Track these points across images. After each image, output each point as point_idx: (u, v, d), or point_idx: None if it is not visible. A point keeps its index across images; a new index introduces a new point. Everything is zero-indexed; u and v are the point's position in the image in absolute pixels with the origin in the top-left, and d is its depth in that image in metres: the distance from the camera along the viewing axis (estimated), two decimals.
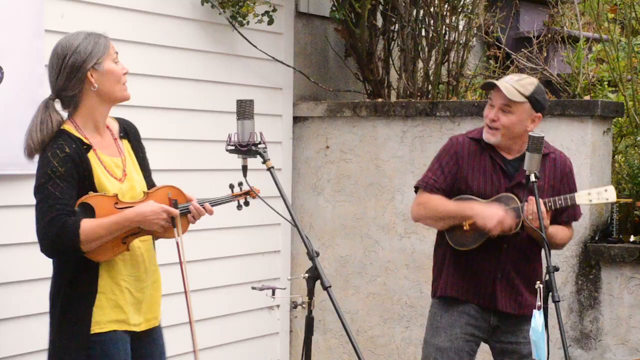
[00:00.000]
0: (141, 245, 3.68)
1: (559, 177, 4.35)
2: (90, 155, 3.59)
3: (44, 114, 3.58)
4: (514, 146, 4.32)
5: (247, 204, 3.86)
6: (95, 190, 3.56)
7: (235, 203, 3.84)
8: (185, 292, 3.70)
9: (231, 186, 3.83)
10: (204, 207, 3.72)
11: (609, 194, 4.28)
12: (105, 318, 3.56)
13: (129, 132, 3.80)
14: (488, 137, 4.31)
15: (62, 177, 3.48)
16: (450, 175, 4.32)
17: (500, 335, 4.34)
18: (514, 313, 4.31)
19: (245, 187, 3.81)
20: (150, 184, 3.81)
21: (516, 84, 4.26)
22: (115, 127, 3.76)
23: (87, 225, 3.46)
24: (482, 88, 4.53)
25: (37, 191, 3.52)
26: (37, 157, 3.58)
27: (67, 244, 3.45)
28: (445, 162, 4.34)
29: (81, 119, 3.61)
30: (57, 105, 3.61)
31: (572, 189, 4.39)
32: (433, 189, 4.32)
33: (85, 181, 3.54)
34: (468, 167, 4.31)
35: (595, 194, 4.27)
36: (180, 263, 3.67)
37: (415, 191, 4.45)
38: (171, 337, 4.00)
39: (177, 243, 3.64)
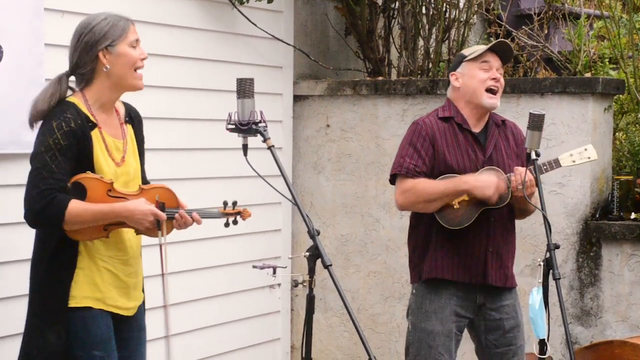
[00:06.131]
0: (130, 230, 3.70)
1: (519, 144, 4.38)
2: (94, 133, 3.62)
3: (55, 87, 3.63)
4: (480, 116, 4.34)
5: (235, 222, 3.85)
6: (92, 169, 3.58)
7: (223, 220, 3.84)
8: (164, 296, 3.71)
9: (225, 203, 3.84)
10: (192, 217, 3.71)
11: (590, 153, 4.34)
12: (81, 293, 3.60)
13: (133, 117, 3.84)
14: (492, 102, 4.28)
15: (62, 150, 3.51)
16: (429, 158, 4.24)
17: (485, 312, 4.34)
18: (502, 286, 4.31)
19: (238, 207, 3.83)
20: (143, 172, 3.83)
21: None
22: (122, 110, 3.81)
23: (74, 206, 3.49)
24: (495, 47, 4.32)
25: (34, 158, 3.55)
26: (37, 128, 3.60)
27: (51, 219, 3.50)
28: (421, 145, 4.25)
29: (91, 96, 3.65)
30: (72, 83, 3.67)
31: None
32: (415, 174, 4.22)
33: (84, 159, 3.57)
34: (443, 146, 4.26)
35: (577, 154, 4.33)
36: (162, 266, 3.69)
37: (391, 181, 4.36)
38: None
39: (161, 246, 3.65)
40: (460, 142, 4.28)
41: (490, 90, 4.27)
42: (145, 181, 3.85)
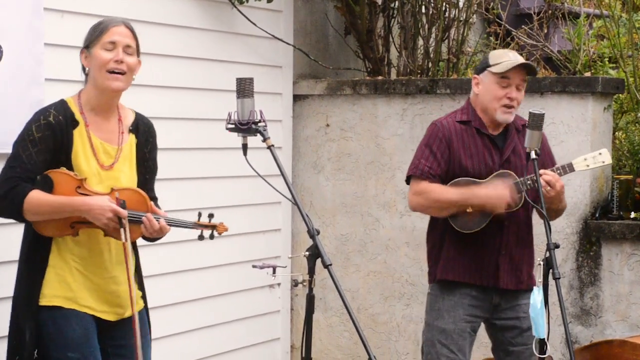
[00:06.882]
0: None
1: (540, 146, 4.37)
2: (78, 131, 3.63)
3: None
4: (498, 123, 4.33)
5: (212, 237, 3.79)
6: (69, 166, 3.59)
7: (197, 232, 3.77)
8: (131, 300, 3.65)
9: (199, 214, 3.79)
10: (158, 222, 3.63)
11: (604, 157, 4.34)
12: (51, 292, 3.60)
13: (140, 128, 3.82)
14: (506, 117, 4.28)
15: (34, 142, 3.56)
16: (444, 161, 4.27)
17: (500, 312, 4.36)
18: (514, 289, 4.32)
19: (215, 221, 3.77)
20: (147, 186, 3.79)
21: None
22: (129, 119, 3.80)
23: (34, 196, 3.52)
24: (525, 67, 4.29)
25: (12, 147, 3.63)
26: None
27: (9, 207, 3.54)
28: (437, 148, 4.28)
29: (83, 96, 3.71)
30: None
31: (551, 155, 4.47)
32: (429, 176, 4.26)
33: (61, 154, 3.59)
34: (459, 149, 4.28)
35: (591, 158, 4.33)
36: (127, 268, 3.64)
37: (407, 181, 4.40)
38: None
39: (124, 245, 3.61)
40: (478, 145, 4.30)
41: (505, 105, 4.27)
42: (151, 196, 3.79)
